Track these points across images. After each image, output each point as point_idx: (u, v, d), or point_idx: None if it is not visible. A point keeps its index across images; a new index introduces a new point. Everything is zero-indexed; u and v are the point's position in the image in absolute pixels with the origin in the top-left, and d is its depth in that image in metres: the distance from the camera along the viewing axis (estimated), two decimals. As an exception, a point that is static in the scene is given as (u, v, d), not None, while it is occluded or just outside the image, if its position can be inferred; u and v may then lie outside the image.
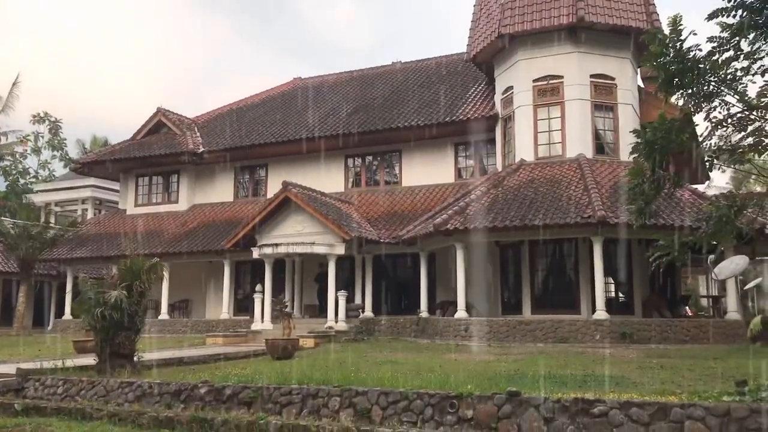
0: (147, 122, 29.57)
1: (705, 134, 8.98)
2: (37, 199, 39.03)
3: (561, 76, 20.20)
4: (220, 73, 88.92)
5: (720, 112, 8.90)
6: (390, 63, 30.27)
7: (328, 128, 25.07)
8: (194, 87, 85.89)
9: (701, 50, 8.55)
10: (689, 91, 8.76)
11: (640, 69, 21.34)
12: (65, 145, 47.06)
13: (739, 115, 8.88)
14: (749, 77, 8.64)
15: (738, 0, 8.28)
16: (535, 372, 10.25)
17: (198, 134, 28.51)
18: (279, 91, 31.09)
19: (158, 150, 27.40)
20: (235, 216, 25.26)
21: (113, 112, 72.77)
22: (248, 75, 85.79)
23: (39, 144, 45.84)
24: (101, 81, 77.73)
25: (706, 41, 8.59)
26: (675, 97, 9.25)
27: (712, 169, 9.92)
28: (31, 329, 28.06)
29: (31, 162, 45.86)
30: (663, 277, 18.72)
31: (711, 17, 8.44)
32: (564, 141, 20.02)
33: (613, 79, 20.28)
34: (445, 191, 22.84)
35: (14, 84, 31.61)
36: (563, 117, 20.09)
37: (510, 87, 21.35)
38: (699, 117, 9.27)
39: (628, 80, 20.64)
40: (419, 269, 20.22)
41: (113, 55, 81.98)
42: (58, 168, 47.26)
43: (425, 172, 23.67)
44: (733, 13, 8.34)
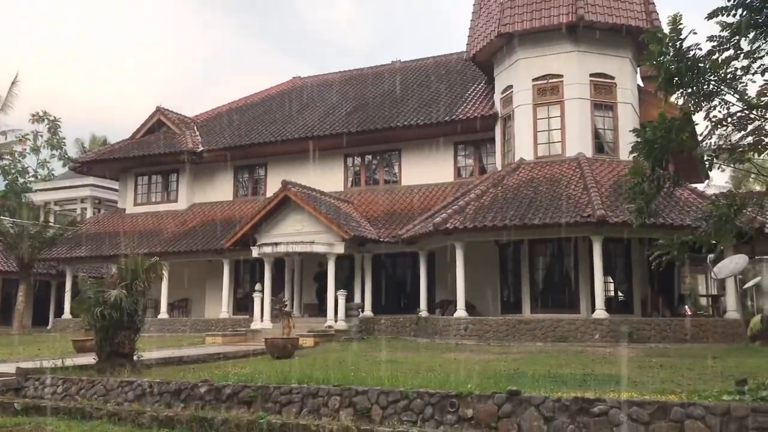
0: (146, 121, 29.58)
1: (705, 133, 8.96)
2: (37, 199, 39.08)
3: (561, 75, 20.20)
4: (220, 73, 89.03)
5: (720, 111, 8.88)
6: (389, 62, 30.22)
7: (328, 127, 25.07)
8: (194, 86, 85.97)
9: (701, 49, 8.53)
10: (689, 90, 8.74)
11: (640, 68, 21.37)
12: (64, 144, 47.03)
13: (739, 114, 8.86)
14: (749, 76, 8.62)
15: (738, -1, 8.27)
16: (535, 371, 10.27)
17: (197, 133, 28.50)
18: (278, 91, 31.06)
19: (157, 149, 27.40)
20: (235, 215, 25.24)
21: (112, 112, 72.87)
22: (248, 74, 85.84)
23: (38, 143, 45.75)
24: (100, 80, 77.85)
25: (706, 40, 8.58)
26: (675, 96, 9.23)
27: (712, 169, 9.94)
28: (31, 328, 28.10)
29: (30, 161, 45.83)
30: (662, 276, 18.71)
31: (711, 16, 8.42)
32: (563, 140, 20.02)
33: (613, 79, 20.28)
34: (445, 190, 22.85)
35: (13, 83, 31.57)
36: (563, 116, 20.09)
37: (509, 86, 21.34)
38: (699, 116, 9.26)
39: (628, 79, 20.64)
40: (419, 268, 20.24)
41: (112, 55, 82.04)
42: (57, 167, 47.27)
43: (424, 172, 23.67)
44: (733, 12, 8.32)
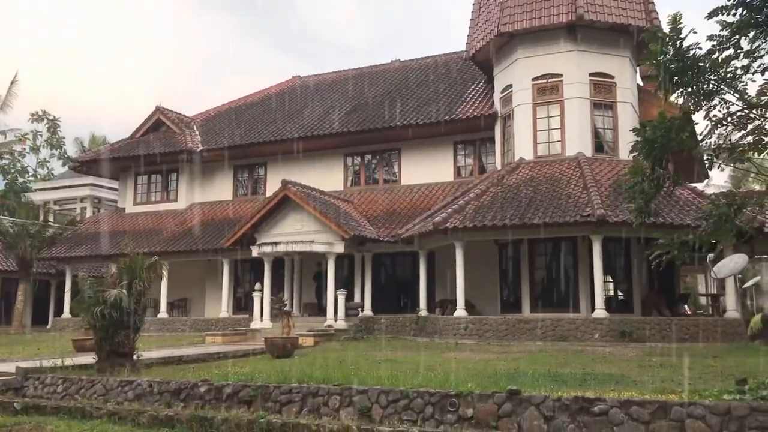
0: (146, 121, 29.56)
1: (705, 133, 8.96)
2: (36, 198, 39.05)
3: (560, 75, 20.20)
4: (220, 73, 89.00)
5: (720, 111, 8.88)
6: (389, 61, 30.22)
7: (327, 127, 25.06)
8: (193, 86, 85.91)
9: (701, 48, 8.53)
10: (689, 90, 8.74)
11: (640, 67, 21.36)
12: (64, 144, 47.03)
13: (739, 114, 8.86)
14: (749, 75, 8.63)
15: (738, -2, 8.27)
16: (535, 370, 10.26)
17: (197, 133, 28.49)
18: (278, 90, 31.03)
19: (157, 148, 27.38)
20: (234, 214, 25.23)
21: (112, 112, 72.78)
22: (248, 74, 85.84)
23: (37, 142, 45.76)
24: (100, 80, 77.78)
25: (706, 39, 8.58)
26: (674, 96, 9.23)
27: (712, 168, 9.94)
28: (30, 328, 28.09)
29: (30, 160, 45.83)
30: (662, 276, 18.72)
31: (711, 15, 8.42)
32: (563, 139, 20.02)
33: (613, 78, 20.28)
34: (444, 190, 22.85)
35: (13, 82, 31.60)
36: (562, 115, 20.08)
37: (509, 85, 21.34)
38: (699, 115, 9.27)
39: (628, 79, 20.64)
40: (418, 268, 20.23)
41: (112, 55, 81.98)
42: (57, 166, 47.27)
43: (424, 171, 23.67)
44: (733, 12, 8.32)
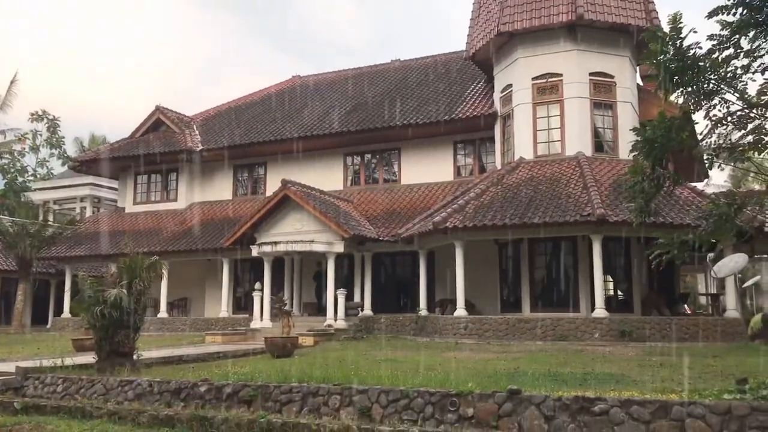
0: (146, 120, 29.54)
1: (705, 132, 8.97)
2: (36, 197, 39.05)
3: (560, 74, 20.19)
4: (220, 72, 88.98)
5: (720, 110, 8.89)
6: (389, 61, 30.21)
7: (327, 126, 25.06)
8: (193, 86, 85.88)
9: (701, 48, 8.54)
10: (689, 89, 8.75)
11: (640, 67, 21.37)
12: (63, 143, 46.93)
13: (739, 113, 8.87)
14: (749, 75, 8.63)
15: (738, -3, 8.27)
16: (535, 370, 10.27)
17: (197, 132, 28.48)
18: (278, 89, 31.03)
19: (157, 148, 27.36)
20: (234, 214, 25.23)
21: (112, 111, 72.73)
22: (247, 74, 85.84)
23: (37, 142, 45.69)
24: (100, 80, 77.74)
25: (706, 39, 8.59)
26: (675, 95, 9.24)
27: (712, 167, 9.93)
28: (30, 327, 28.07)
29: (30, 160, 45.75)
30: (662, 275, 18.73)
31: (711, 15, 8.42)
32: (563, 139, 20.02)
33: (613, 77, 20.28)
34: (444, 189, 22.84)
35: (12, 82, 31.59)
36: (562, 115, 20.08)
37: (509, 85, 21.33)
38: (699, 115, 9.27)
39: (628, 78, 20.63)
40: (418, 267, 20.23)
41: (112, 55, 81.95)
42: (57, 166, 47.21)
43: (424, 170, 23.67)
44: (734, 11, 8.33)
